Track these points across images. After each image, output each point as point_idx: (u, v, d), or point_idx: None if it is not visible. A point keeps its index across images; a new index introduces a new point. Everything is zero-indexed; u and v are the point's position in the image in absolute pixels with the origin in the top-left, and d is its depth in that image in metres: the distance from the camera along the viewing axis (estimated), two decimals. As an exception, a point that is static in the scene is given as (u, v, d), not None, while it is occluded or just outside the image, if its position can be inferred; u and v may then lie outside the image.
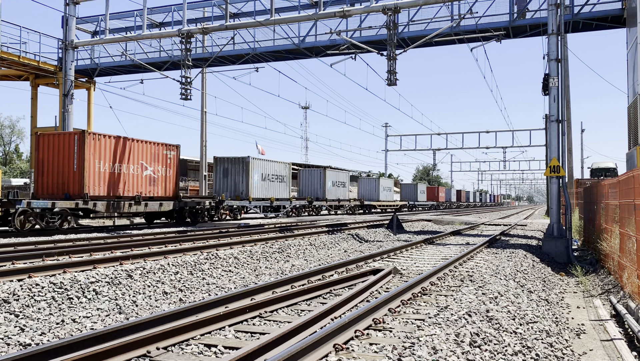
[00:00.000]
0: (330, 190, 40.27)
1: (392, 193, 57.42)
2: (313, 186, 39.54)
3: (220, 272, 11.52)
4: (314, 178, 39.76)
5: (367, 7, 19.78)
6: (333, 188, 40.78)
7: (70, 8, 23.70)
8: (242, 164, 30.53)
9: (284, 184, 34.12)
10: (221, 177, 30.96)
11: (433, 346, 5.23)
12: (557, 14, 16.84)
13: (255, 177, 30.81)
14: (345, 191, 43.61)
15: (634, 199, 8.18)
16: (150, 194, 23.32)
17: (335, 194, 41.46)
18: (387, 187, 56.21)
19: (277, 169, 33.40)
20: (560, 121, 16.76)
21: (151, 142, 23.52)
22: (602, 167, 35.90)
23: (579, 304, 9.49)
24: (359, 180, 53.87)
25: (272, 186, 32.74)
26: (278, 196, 33.43)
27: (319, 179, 39.52)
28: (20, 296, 7.86)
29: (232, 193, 30.48)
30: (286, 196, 34.33)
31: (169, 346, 5.63)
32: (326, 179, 39.56)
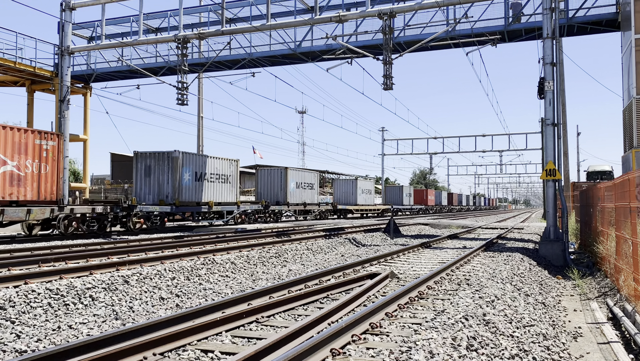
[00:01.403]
0: (293, 193, 35.64)
1: (373, 196, 53.20)
2: (273, 188, 35.07)
3: (217, 277, 11.51)
4: (273, 179, 35.21)
5: (363, 12, 19.84)
6: (297, 190, 36.17)
7: (66, 14, 23.71)
8: (168, 161, 24.79)
9: (228, 186, 28.56)
10: (142, 176, 25.19)
11: (430, 351, 5.23)
12: (552, 18, 16.91)
13: (186, 176, 25.36)
14: (313, 193, 39.03)
15: (629, 202, 8.21)
16: (11, 197, 18.16)
17: (301, 198, 36.71)
18: (366, 189, 51.47)
19: (218, 167, 27.77)
20: (556, 125, 16.81)
21: (15, 128, 18.52)
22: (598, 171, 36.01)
23: (576, 307, 9.50)
24: (334, 182, 49.92)
25: (211, 188, 27.18)
26: (220, 200, 27.90)
27: (279, 180, 34.96)
28: (16, 303, 7.83)
29: (155, 195, 24.86)
30: (231, 199, 28.78)
31: (166, 352, 5.62)
32: (288, 180, 34.95)
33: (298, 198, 36.34)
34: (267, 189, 35.27)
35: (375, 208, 52.18)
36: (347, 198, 48.23)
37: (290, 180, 35.31)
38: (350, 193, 48.34)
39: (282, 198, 34.79)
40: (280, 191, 34.94)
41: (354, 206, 46.91)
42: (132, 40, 23.67)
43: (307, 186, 37.90)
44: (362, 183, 49.97)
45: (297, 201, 36.07)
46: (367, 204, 50.34)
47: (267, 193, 35.18)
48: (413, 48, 21.66)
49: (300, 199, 36.72)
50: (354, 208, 46.88)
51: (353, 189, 48.28)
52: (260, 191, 35.40)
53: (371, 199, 51.95)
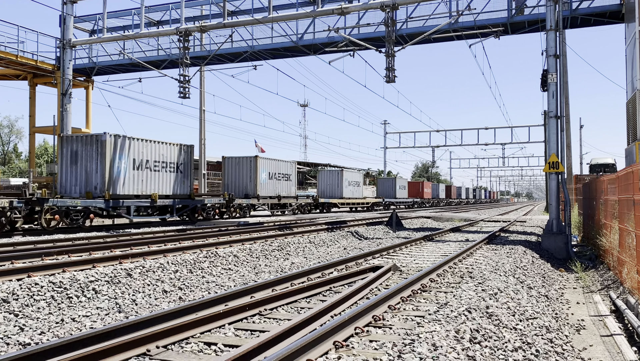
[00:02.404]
0: (264, 184, 31.95)
1: (361, 189, 49.11)
2: (241, 179, 31.39)
3: (220, 270, 11.52)
4: (242, 170, 31.42)
5: (365, 4, 19.75)
6: (270, 181, 32.60)
7: (68, 7, 23.65)
8: (97, 146, 20.92)
9: (175, 176, 24.51)
10: (68, 164, 21.36)
11: (433, 343, 5.22)
12: (555, 10, 16.82)
13: (121, 164, 21.38)
14: (290, 185, 35.48)
15: (633, 194, 8.18)
16: None
17: (274, 190, 33.10)
18: (354, 181, 47.18)
19: (165, 154, 23.95)
20: (559, 117, 16.75)
21: None
22: (601, 163, 35.90)
23: (579, 300, 9.50)
24: (318, 174, 45.82)
25: (155, 178, 23.22)
26: (167, 192, 24.03)
27: (248, 170, 31.19)
28: (19, 296, 7.85)
29: (82, 187, 21.12)
30: (183, 191, 25.05)
31: (169, 345, 5.62)
32: (259, 171, 31.20)
33: (271, 190, 32.71)
34: (235, 181, 31.53)
35: (364, 201, 48.57)
36: (332, 191, 44.49)
37: (261, 170, 31.60)
38: (335, 185, 44.52)
39: (251, 190, 31.03)
40: (249, 183, 31.18)
41: (339, 200, 43.23)
42: (134, 34, 23.62)
43: (282, 177, 34.22)
44: (348, 174, 46.08)
45: (269, 193, 32.48)
46: (354, 197, 46.63)
47: (235, 185, 31.50)
48: (415, 40, 21.57)
49: (274, 191, 33.12)
50: (339, 201, 43.19)
51: (338, 181, 44.46)
52: (228, 183, 31.65)
53: (359, 191, 48.24)
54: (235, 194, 30.48)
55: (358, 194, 47.73)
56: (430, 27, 22.14)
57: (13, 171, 56.51)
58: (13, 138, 63.79)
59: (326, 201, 41.08)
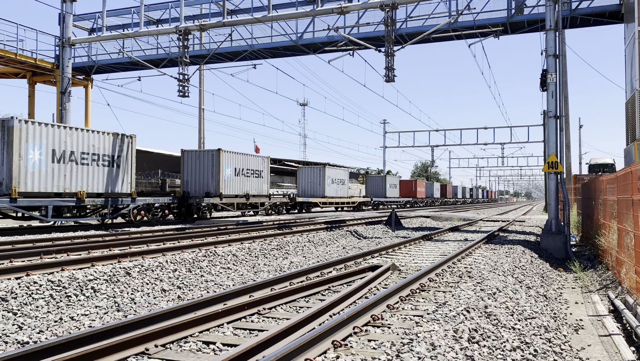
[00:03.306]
0: (229, 182, 28.30)
1: (346, 187, 45.86)
2: (202, 176, 27.70)
3: (219, 269, 11.52)
4: (203, 165, 27.76)
5: (365, 4, 19.75)
6: (236, 178, 28.98)
7: (67, 5, 23.62)
8: (3, 133, 17.83)
9: (110, 171, 21.19)
10: None
11: (431, 343, 5.23)
12: (555, 10, 16.82)
13: (35, 155, 18.32)
14: (261, 183, 31.89)
15: (631, 194, 8.18)
16: None
17: (242, 188, 29.49)
18: (338, 179, 43.89)
19: (96, 144, 20.55)
20: (558, 117, 16.76)
21: None
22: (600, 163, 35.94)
23: (577, 299, 9.51)
24: (298, 171, 42.24)
25: (81, 174, 20.01)
26: (98, 190, 20.54)
27: (210, 166, 27.59)
28: (18, 294, 7.85)
29: None
30: (122, 189, 21.77)
31: (167, 344, 5.63)
32: (222, 166, 27.50)
33: (238, 188, 29.05)
34: (195, 178, 27.82)
35: (350, 200, 45.60)
36: (313, 189, 41.04)
37: (225, 165, 27.89)
38: (316, 183, 40.95)
39: (213, 188, 27.31)
40: (211, 180, 27.47)
41: (321, 199, 39.83)
42: (133, 32, 23.61)
43: (251, 173, 30.54)
44: (331, 171, 42.47)
45: (235, 192, 28.77)
46: (338, 196, 43.37)
47: (195, 182, 27.80)
48: (415, 40, 21.57)
49: (242, 189, 29.49)
50: (321, 200, 39.78)
51: (320, 179, 40.89)
52: (187, 180, 27.91)
53: (344, 190, 45.02)
54: (196, 192, 27.43)
55: (343, 192, 44.78)
56: (429, 27, 22.14)
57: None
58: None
59: (305, 201, 37.95)
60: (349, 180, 72.28)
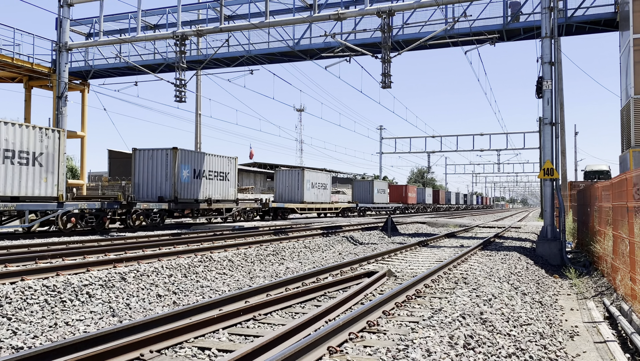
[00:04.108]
0: (187, 185, 25.62)
1: (328, 192, 43.26)
2: (155, 178, 25.05)
3: (215, 275, 11.50)
4: (156, 166, 25.09)
5: (362, 10, 19.82)
6: (196, 181, 26.41)
7: (64, 10, 23.64)
8: None
9: (28, 171, 18.18)
10: None
11: (427, 349, 5.23)
12: (551, 18, 16.91)
13: None
14: (227, 187, 28.82)
15: (626, 201, 8.22)
16: None
17: (204, 192, 26.92)
18: (319, 183, 41.12)
19: (7, 138, 17.50)
20: (554, 124, 16.82)
21: None
22: (595, 170, 36.07)
23: (573, 306, 9.52)
24: (275, 174, 39.78)
25: None
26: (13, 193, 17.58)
27: (164, 167, 24.89)
28: (12, 299, 7.81)
29: None
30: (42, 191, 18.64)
31: (163, 349, 5.61)
32: (177, 167, 24.79)
33: (198, 192, 26.56)
34: (148, 180, 25.25)
35: (332, 206, 42.88)
36: (291, 194, 38.63)
37: (182, 166, 25.30)
38: (294, 188, 38.54)
39: (168, 192, 24.76)
40: (165, 182, 24.84)
41: (299, 204, 37.33)
42: (130, 37, 23.62)
43: (215, 176, 27.89)
44: (311, 174, 39.97)
45: (195, 196, 26.33)
46: (319, 202, 40.72)
47: (148, 185, 25.21)
48: (411, 46, 21.65)
49: (203, 193, 26.94)
50: (300, 206, 37.30)
51: (299, 183, 38.40)
52: (139, 182, 25.27)
53: (325, 195, 42.41)
54: (148, 196, 24.83)
55: (324, 198, 42.12)
56: (426, 34, 22.23)
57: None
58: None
59: (280, 206, 34.88)
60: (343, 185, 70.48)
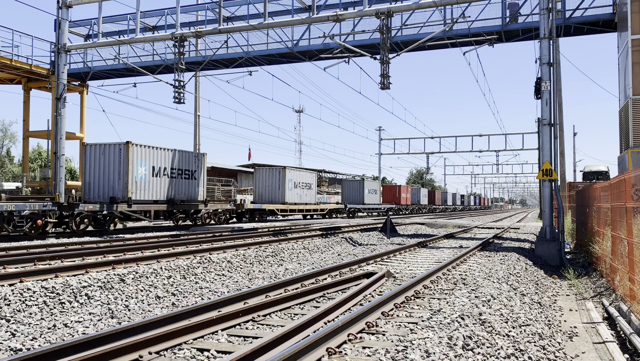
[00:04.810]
0: (143, 184, 23.00)
1: (313, 192, 40.61)
2: (107, 177, 22.50)
3: (214, 276, 11.49)
4: (109, 163, 22.50)
5: (360, 11, 19.83)
6: (155, 180, 23.69)
7: (63, 11, 23.63)
8: None
9: None
10: None
11: (426, 350, 5.23)
12: (549, 19, 16.93)
13: None
14: (194, 187, 26.18)
15: (625, 202, 8.23)
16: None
17: (165, 192, 24.33)
18: (303, 183, 38.57)
19: None
20: (553, 125, 16.84)
21: None
22: (594, 171, 36.11)
23: (572, 307, 9.53)
24: (255, 172, 36.85)
25: None
26: None
27: (117, 164, 22.31)
28: (11, 301, 7.81)
29: None
30: None
31: (161, 351, 5.61)
32: (132, 164, 22.22)
33: (158, 192, 23.87)
34: (99, 179, 22.66)
35: (317, 207, 40.84)
36: (272, 194, 36.00)
37: (137, 163, 22.66)
38: (275, 187, 35.85)
39: (120, 192, 22.15)
40: (118, 182, 22.31)
41: (280, 205, 34.91)
42: (129, 39, 23.62)
43: (179, 174, 25.21)
44: (294, 173, 37.27)
45: (154, 196, 23.64)
46: (303, 203, 38.39)
47: (99, 185, 22.61)
48: (410, 48, 21.66)
49: (164, 194, 24.26)
50: (281, 207, 34.90)
51: (280, 183, 35.73)
52: (89, 181, 22.72)
53: (310, 195, 40.02)
54: (100, 197, 22.39)
55: (308, 198, 39.59)
56: (424, 35, 22.25)
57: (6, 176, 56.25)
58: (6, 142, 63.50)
59: (257, 208, 32.34)
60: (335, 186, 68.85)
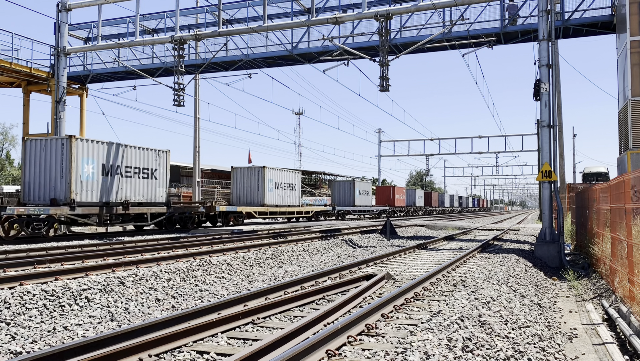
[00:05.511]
0: (91, 184, 20.66)
1: (297, 193, 38.51)
2: (49, 176, 20.10)
3: (213, 278, 11.49)
4: (50, 161, 20.13)
5: (360, 14, 19.86)
6: (106, 179, 21.36)
7: (63, 15, 23.66)
8: None
9: None
10: None
11: (425, 352, 5.24)
12: (548, 20, 16.97)
13: None
14: (153, 187, 23.76)
15: (624, 203, 8.24)
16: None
17: (119, 193, 21.90)
18: (285, 183, 36.47)
19: None
20: (552, 126, 16.85)
21: None
22: (593, 172, 36.09)
23: (571, 308, 9.53)
24: (233, 172, 34.52)
25: None
26: None
27: (59, 162, 19.99)
28: (11, 304, 7.81)
29: None
30: None
31: (161, 354, 5.61)
32: (75, 162, 19.91)
33: (109, 194, 21.54)
34: (40, 178, 20.26)
35: (302, 209, 38.87)
36: (251, 196, 33.85)
37: (82, 161, 20.31)
38: (254, 189, 33.74)
39: (62, 193, 19.84)
40: (60, 181, 19.90)
41: (259, 207, 32.84)
42: (129, 42, 23.64)
43: (135, 173, 22.79)
44: (274, 173, 34.99)
45: (104, 198, 21.29)
46: (285, 205, 36.32)
47: (40, 185, 20.27)
48: (409, 50, 21.69)
49: (117, 195, 21.87)
50: (260, 209, 32.83)
51: (259, 183, 33.58)
52: (28, 181, 20.32)
53: (293, 197, 37.91)
54: (41, 198, 20.21)
55: (292, 200, 37.45)
56: (423, 37, 22.28)
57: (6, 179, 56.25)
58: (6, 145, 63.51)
59: (231, 210, 30.02)
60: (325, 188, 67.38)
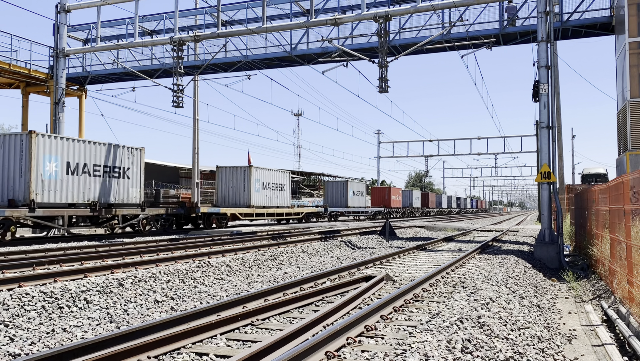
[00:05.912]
0: (54, 183, 19.31)
1: (286, 194, 37.14)
2: (7, 175, 18.73)
3: (212, 280, 11.48)
4: (8, 158, 18.74)
5: (359, 15, 19.87)
6: (71, 178, 19.96)
7: (62, 16, 23.66)
8: None
9: None
10: None
11: (425, 353, 5.23)
12: (547, 22, 16.98)
13: None
14: (126, 187, 22.55)
15: (623, 204, 8.24)
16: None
17: (85, 194, 20.48)
18: (273, 184, 35.10)
19: None
20: (551, 127, 16.86)
21: None
22: (592, 173, 36.10)
23: (571, 309, 9.53)
24: (217, 172, 33.13)
25: None
26: None
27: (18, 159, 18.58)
28: (10, 306, 7.79)
29: None
30: None
31: (160, 355, 5.60)
32: (35, 159, 18.51)
33: (74, 194, 20.03)
34: None
35: (291, 210, 37.47)
36: (237, 197, 32.40)
37: (43, 158, 18.90)
38: (240, 189, 32.34)
39: (21, 194, 18.47)
40: (18, 180, 18.56)
41: (245, 209, 31.45)
42: (128, 43, 23.64)
43: (105, 172, 21.40)
44: (261, 173, 33.62)
45: (69, 198, 19.83)
46: (273, 205, 34.95)
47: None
48: (408, 51, 21.70)
49: (83, 195, 20.39)
50: (246, 210, 31.39)
51: (245, 183, 32.22)
52: None
53: (282, 197, 36.54)
54: None
55: (280, 201, 36.15)
56: (422, 38, 22.29)
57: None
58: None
59: (214, 212, 28.50)
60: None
